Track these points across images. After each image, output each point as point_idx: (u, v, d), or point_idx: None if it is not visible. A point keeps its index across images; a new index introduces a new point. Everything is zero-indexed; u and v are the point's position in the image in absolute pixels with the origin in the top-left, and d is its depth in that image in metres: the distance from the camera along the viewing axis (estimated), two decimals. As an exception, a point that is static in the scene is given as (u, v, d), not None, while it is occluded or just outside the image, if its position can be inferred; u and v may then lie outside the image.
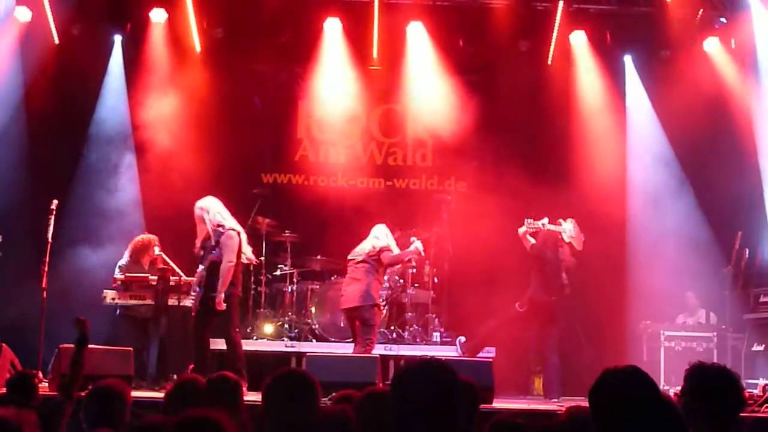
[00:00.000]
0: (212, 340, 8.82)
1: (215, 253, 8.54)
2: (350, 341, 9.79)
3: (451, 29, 11.90)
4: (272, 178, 12.36)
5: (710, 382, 3.67)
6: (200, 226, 8.74)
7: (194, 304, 8.65)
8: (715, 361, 4.67)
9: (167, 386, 8.64)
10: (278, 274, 11.36)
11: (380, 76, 12.29)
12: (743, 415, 5.85)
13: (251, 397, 4.57)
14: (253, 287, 11.13)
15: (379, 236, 9.45)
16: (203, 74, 11.73)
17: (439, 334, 10.95)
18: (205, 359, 8.61)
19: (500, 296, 10.13)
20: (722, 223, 11.14)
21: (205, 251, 8.67)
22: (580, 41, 11.99)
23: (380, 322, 9.85)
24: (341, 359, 8.59)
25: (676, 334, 10.33)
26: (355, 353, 9.05)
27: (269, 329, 10.92)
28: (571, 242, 9.87)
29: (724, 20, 11.82)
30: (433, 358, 3.25)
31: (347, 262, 9.49)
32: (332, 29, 11.87)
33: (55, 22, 11.35)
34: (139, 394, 7.27)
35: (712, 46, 11.77)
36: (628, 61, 12.25)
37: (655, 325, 10.50)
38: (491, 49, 12.01)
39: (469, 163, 12.07)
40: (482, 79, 12.22)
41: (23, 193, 10.88)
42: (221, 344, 8.82)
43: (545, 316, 9.80)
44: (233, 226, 8.70)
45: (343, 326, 10.53)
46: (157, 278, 9.38)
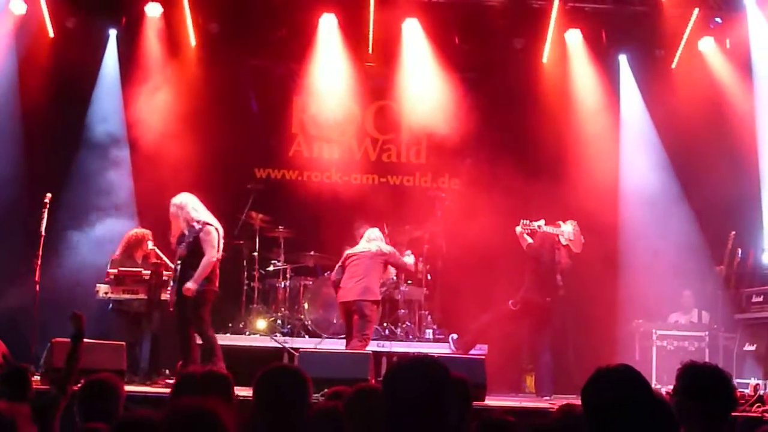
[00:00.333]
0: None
1: (189, 248, 8.50)
2: (343, 338, 9.80)
3: (446, 26, 11.89)
4: (266, 173, 12.33)
5: (703, 381, 3.68)
6: (175, 222, 8.70)
7: (170, 299, 8.63)
8: (706, 360, 4.68)
9: (159, 381, 8.68)
10: (271, 269, 11.34)
11: (375, 72, 12.27)
12: (734, 414, 5.88)
13: (243, 392, 4.56)
14: (246, 283, 11.12)
15: (381, 239, 9.53)
16: (198, 69, 11.70)
17: (431, 331, 10.97)
18: (192, 354, 8.53)
19: (493, 293, 10.16)
20: (715, 222, 11.14)
21: (180, 247, 8.63)
22: (575, 40, 11.98)
23: (377, 319, 9.85)
24: (333, 355, 8.58)
25: (668, 333, 10.35)
26: (349, 348, 9.05)
27: (262, 325, 10.90)
28: (568, 245, 9.83)
29: (719, 20, 11.84)
30: (425, 354, 3.24)
31: (345, 258, 9.46)
32: (328, 25, 11.83)
33: (50, 14, 11.32)
34: (131, 388, 7.25)
35: (707, 46, 11.79)
36: (623, 60, 12.25)
37: (647, 324, 10.50)
38: (486, 46, 12.04)
39: (463, 160, 12.07)
40: (477, 76, 12.21)
41: (16, 186, 10.84)
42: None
43: (538, 316, 9.78)
44: (209, 221, 8.65)
45: (335, 322, 10.53)
46: (150, 273, 9.35)
